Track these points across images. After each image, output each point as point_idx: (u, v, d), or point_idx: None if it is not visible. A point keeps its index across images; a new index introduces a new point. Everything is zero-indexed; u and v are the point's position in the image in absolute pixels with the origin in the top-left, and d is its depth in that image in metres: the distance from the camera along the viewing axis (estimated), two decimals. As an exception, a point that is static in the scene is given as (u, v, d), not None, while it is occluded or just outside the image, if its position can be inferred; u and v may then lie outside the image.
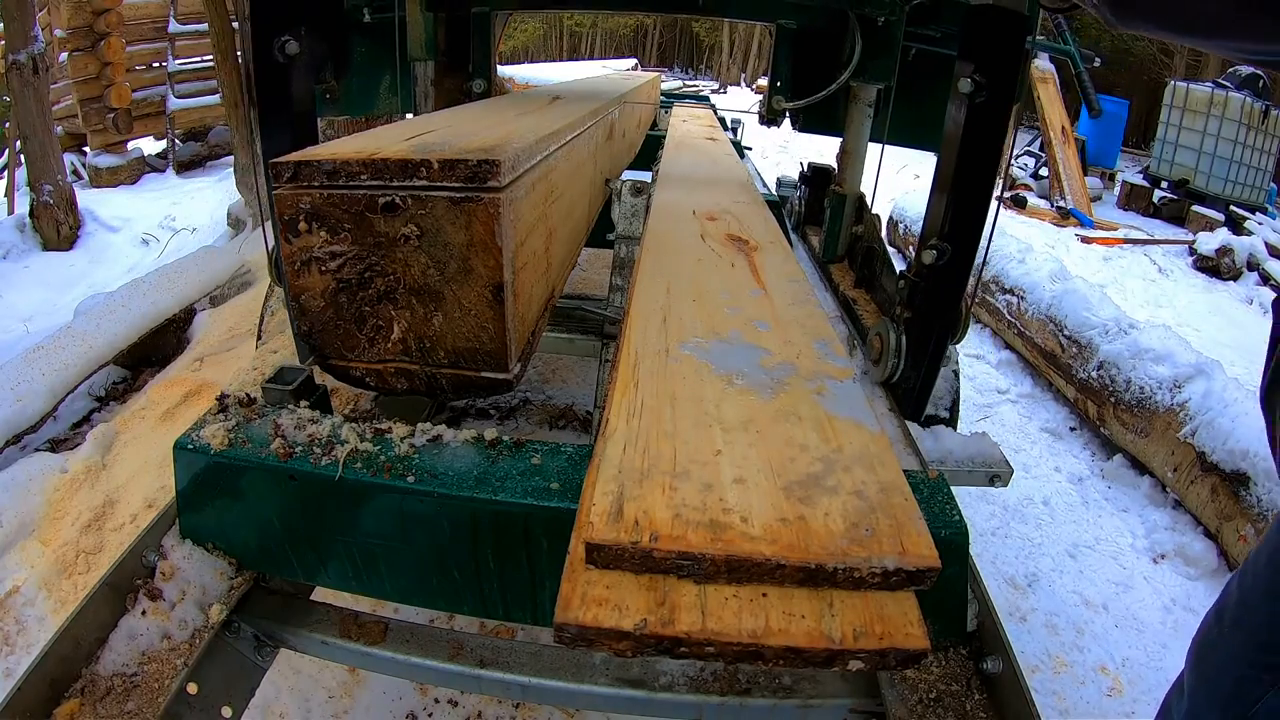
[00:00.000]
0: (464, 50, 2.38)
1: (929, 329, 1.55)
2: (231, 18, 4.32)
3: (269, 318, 2.35)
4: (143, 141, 8.08)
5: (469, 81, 2.42)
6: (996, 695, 0.85)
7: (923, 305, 1.55)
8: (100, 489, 2.27)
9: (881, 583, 0.50)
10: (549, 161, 1.00)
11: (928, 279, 1.51)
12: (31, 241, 5.56)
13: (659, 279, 0.97)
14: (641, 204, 1.47)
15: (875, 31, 1.90)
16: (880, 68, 1.92)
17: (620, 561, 0.50)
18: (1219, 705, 0.96)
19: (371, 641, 1.04)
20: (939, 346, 1.57)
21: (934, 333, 1.56)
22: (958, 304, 1.55)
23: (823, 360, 0.78)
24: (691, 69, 33.06)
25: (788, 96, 2.25)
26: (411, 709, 1.73)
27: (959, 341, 1.66)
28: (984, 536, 2.59)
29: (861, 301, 1.96)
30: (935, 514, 0.86)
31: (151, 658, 0.91)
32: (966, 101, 1.37)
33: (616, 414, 0.64)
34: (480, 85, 2.39)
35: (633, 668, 1.00)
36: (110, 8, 7.09)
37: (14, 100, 5.28)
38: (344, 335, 0.86)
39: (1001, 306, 4.21)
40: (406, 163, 0.77)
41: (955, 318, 1.57)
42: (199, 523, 0.99)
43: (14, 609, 1.85)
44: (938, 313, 1.54)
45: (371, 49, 2.04)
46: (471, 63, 2.39)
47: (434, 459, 0.93)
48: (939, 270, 1.48)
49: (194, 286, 3.44)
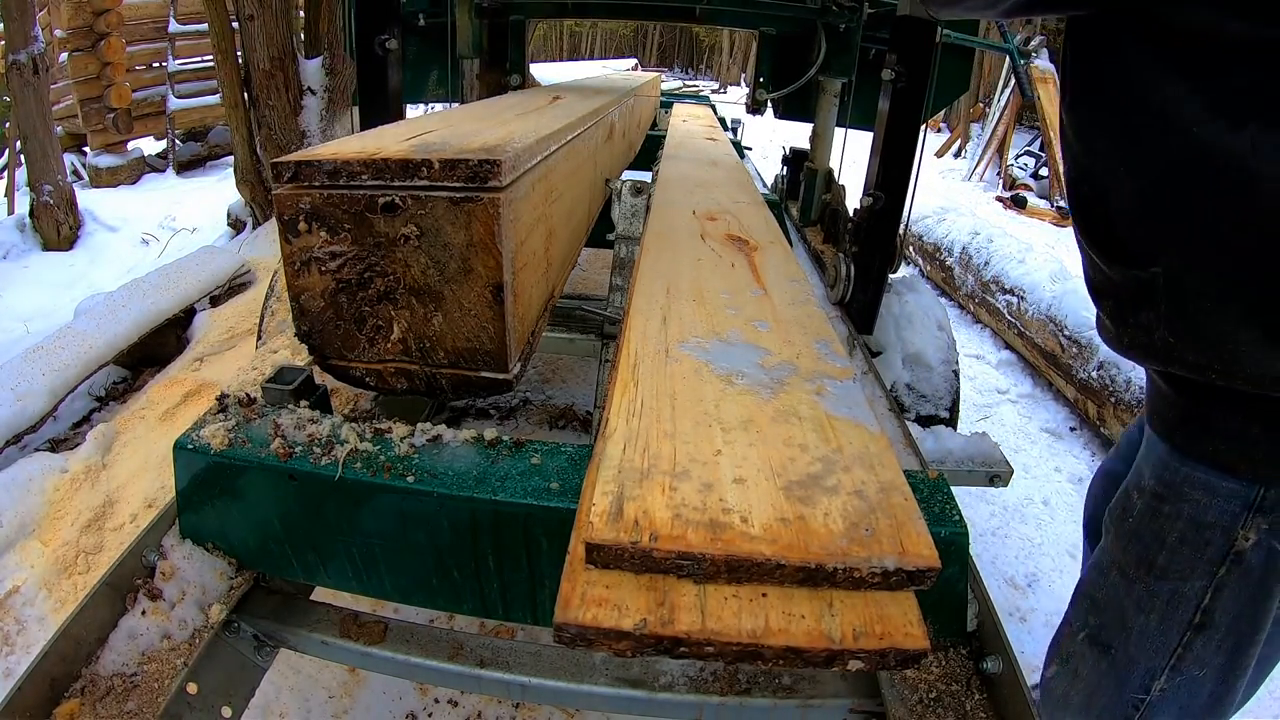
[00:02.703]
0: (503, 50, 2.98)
1: (871, 260, 2.08)
2: (231, 18, 4.32)
3: (269, 318, 2.35)
4: (143, 141, 8.08)
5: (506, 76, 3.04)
6: (996, 695, 0.85)
7: (866, 241, 2.07)
8: (100, 489, 2.27)
9: (881, 583, 0.50)
10: (549, 162, 1.00)
11: (868, 220, 2.04)
12: (31, 241, 5.56)
13: (659, 279, 0.97)
14: (641, 204, 1.47)
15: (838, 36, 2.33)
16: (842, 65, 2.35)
17: (620, 561, 0.50)
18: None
19: (371, 641, 1.04)
20: (880, 274, 2.11)
21: (875, 262, 2.08)
22: (893, 240, 2.06)
23: (823, 360, 0.78)
24: (691, 69, 33.06)
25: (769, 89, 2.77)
26: (411, 709, 1.73)
27: (895, 271, 2.16)
28: (984, 536, 2.59)
29: (829, 253, 2.39)
30: (935, 514, 0.86)
31: (151, 658, 0.91)
32: (891, 86, 1.88)
33: (616, 414, 0.64)
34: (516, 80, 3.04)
35: (633, 668, 1.00)
36: (110, 8, 7.09)
37: (14, 100, 5.28)
38: (344, 335, 0.86)
39: (1001, 306, 4.21)
40: (407, 163, 0.77)
41: (891, 251, 2.09)
42: (199, 523, 0.99)
43: (14, 609, 1.85)
44: (877, 247, 2.06)
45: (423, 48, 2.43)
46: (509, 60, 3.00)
47: (434, 459, 0.93)
48: (876, 213, 2.02)
49: (194, 286, 3.44)
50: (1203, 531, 0.91)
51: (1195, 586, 0.93)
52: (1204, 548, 0.91)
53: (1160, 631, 0.98)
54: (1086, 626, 1.08)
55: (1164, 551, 0.95)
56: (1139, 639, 1.00)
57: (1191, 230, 0.80)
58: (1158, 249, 0.84)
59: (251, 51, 4.23)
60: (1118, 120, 0.85)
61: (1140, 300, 0.88)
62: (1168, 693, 0.99)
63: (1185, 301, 0.83)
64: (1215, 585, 0.92)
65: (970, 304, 4.75)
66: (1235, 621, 0.94)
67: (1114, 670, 1.04)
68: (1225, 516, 0.89)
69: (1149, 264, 0.85)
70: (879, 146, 1.97)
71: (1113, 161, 0.87)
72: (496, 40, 2.87)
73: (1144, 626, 0.99)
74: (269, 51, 4.18)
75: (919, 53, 1.84)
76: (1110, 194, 0.89)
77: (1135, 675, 1.01)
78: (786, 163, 3.24)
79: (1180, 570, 0.94)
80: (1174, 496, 0.93)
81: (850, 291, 2.06)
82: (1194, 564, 0.93)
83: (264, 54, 4.18)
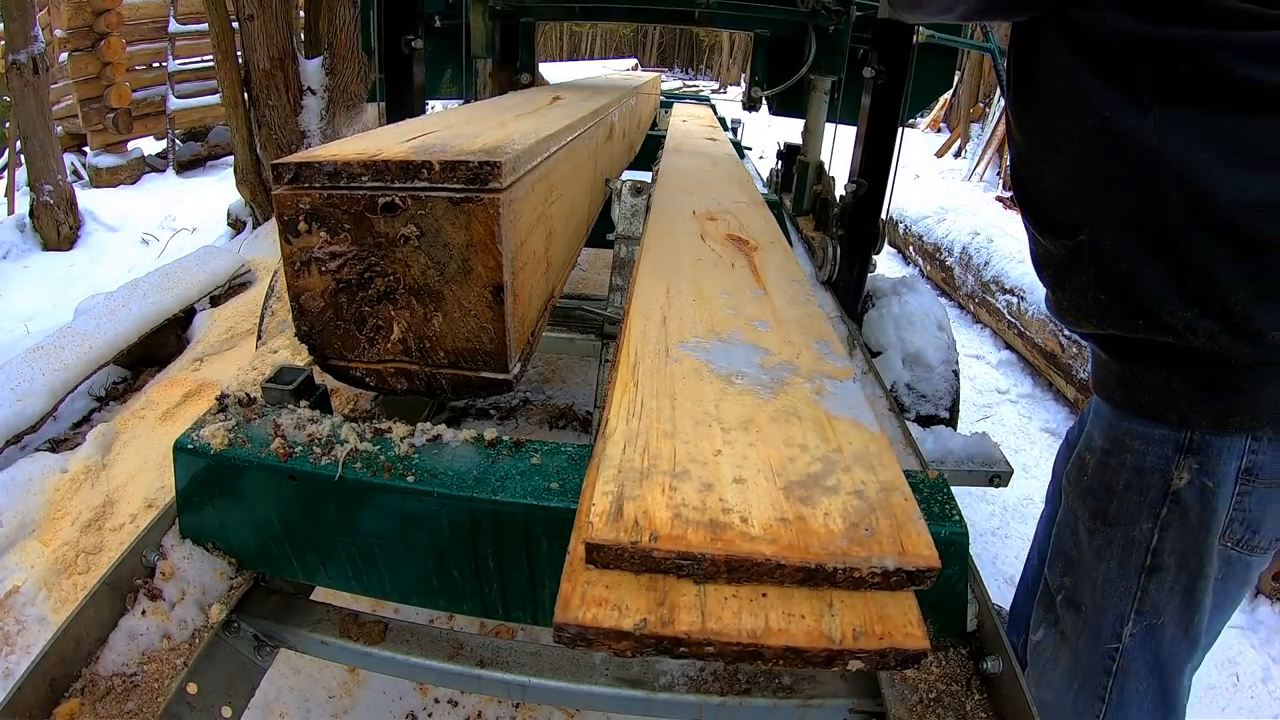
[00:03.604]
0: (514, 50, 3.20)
1: (856, 242, 2.29)
2: (231, 18, 4.32)
3: (269, 318, 2.35)
4: (143, 141, 8.08)
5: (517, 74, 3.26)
6: (996, 695, 0.85)
7: (851, 225, 2.28)
8: (100, 489, 2.27)
9: (881, 583, 0.50)
10: (549, 162, 1.00)
11: (853, 206, 2.25)
12: (31, 241, 5.56)
13: (659, 279, 0.97)
14: (641, 204, 1.47)
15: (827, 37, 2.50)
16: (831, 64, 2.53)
17: (620, 561, 0.50)
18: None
19: (371, 641, 1.04)
20: (864, 255, 2.31)
21: (860, 245, 2.29)
22: (876, 223, 2.26)
23: (823, 360, 0.78)
24: (691, 69, 33.06)
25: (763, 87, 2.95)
26: (411, 709, 1.73)
27: (878, 253, 2.36)
28: (984, 536, 2.59)
29: (818, 239, 2.57)
30: (935, 514, 0.86)
31: (151, 658, 0.91)
32: (872, 83, 2.10)
33: (616, 414, 0.64)
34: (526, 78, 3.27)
35: (633, 668, 1.00)
36: (110, 8, 7.09)
37: (14, 100, 5.28)
38: (344, 335, 0.86)
39: (1001, 306, 4.21)
40: (408, 164, 0.77)
41: (874, 233, 2.28)
42: (199, 522, 0.99)
43: (14, 609, 1.85)
44: (861, 230, 2.27)
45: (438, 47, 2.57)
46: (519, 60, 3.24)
47: (434, 459, 0.93)
48: (860, 199, 2.23)
49: (194, 286, 3.44)
50: (1144, 476, 1.01)
51: (1143, 529, 1.02)
52: (1146, 491, 1.01)
53: (1121, 576, 1.06)
54: (1063, 588, 1.16)
55: (1114, 500, 1.05)
56: (1104, 587, 1.08)
57: (1109, 200, 0.92)
58: (1083, 219, 0.96)
59: (251, 51, 4.23)
60: (1048, 111, 0.98)
61: (1073, 266, 1.00)
62: (1137, 638, 1.07)
63: (1108, 263, 0.94)
64: (1160, 525, 1.01)
65: (970, 304, 4.75)
66: (1182, 559, 1.01)
67: (1088, 626, 1.11)
68: (1161, 460, 0.99)
69: (1076, 233, 0.97)
70: (862, 138, 2.21)
71: (1045, 147, 1.01)
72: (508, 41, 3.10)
73: (1107, 574, 1.07)
74: (269, 51, 4.18)
75: (897, 53, 2.06)
76: (1044, 175, 1.02)
77: (1107, 625, 1.09)
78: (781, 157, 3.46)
79: (1130, 515, 1.03)
80: (1118, 449, 1.04)
81: (837, 271, 2.30)
82: (1140, 508, 1.02)
83: (264, 54, 4.18)
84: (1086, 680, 1.12)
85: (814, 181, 2.84)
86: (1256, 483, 0.95)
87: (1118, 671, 1.09)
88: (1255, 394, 0.90)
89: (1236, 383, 0.91)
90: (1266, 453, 0.93)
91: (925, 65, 2.49)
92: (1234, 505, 0.96)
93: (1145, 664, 1.08)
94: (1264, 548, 1.00)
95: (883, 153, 2.16)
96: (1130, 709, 1.09)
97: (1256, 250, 0.84)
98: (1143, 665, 1.08)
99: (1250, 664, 2.15)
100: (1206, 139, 0.83)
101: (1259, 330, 0.85)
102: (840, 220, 2.32)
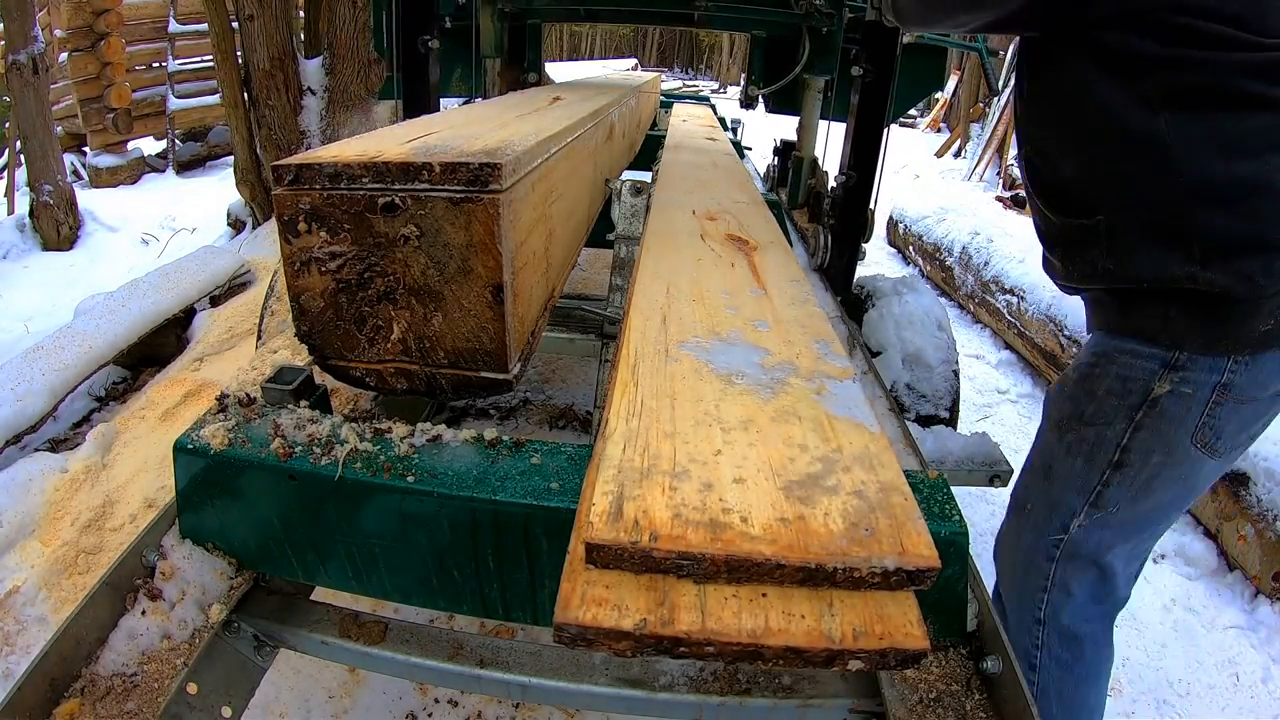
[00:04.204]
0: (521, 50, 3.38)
1: (846, 230, 2.44)
2: (231, 18, 4.32)
3: (269, 318, 2.35)
4: (143, 141, 8.08)
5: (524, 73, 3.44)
6: (996, 695, 0.85)
7: (841, 214, 2.44)
8: (100, 489, 2.27)
9: (881, 583, 0.50)
10: (549, 162, 1.00)
11: (843, 196, 2.42)
12: (31, 241, 5.56)
13: (659, 279, 0.97)
14: (641, 204, 1.47)
15: (820, 38, 2.62)
16: (824, 64, 2.65)
17: (620, 561, 0.50)
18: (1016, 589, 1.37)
19: (371, 641, 1.04)
20: (854, 241, 2.46)
21: (850, 232, 2.44)
22: (864, 212, 2.41)
23: (823, 360, 0.78)
24: (691, 69, 33.06)
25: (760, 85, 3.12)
26: (411, 709, 1.73)
27: (867, 240, 2.49)
28: (984, 536, 2.58)
29: (811, 230, 2.67)
30: (935, 514, 0.86)
31: (151, 658, 0.91)
32: (860, 81, 2.29)
33: (616, 414, 0.64)
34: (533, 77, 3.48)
35: (633, 668, 1.00)
36: (110, 8, 7.09)
37: (14, 100, 5.28)
38: (344, 335, 0.86)
39: (1001, 306, 4.21)
40: (408, 165, 0.77)
41: (863, 222, 2.43)
42: (199, 522, 0.99)
43: (14, 609, 1.85)
44: (851, 218, 2.43)
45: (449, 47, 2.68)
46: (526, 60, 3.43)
47: (434, 459, 0.93)
48: (850, 189, 2.40)
49: (194, 286, 3.44)
50: (1127, 384, 1.17)
51: (1117, 429, 1.18)
52: (1126, 396, 1.17)
53: (1084, 472, 1.22)
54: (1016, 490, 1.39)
55: (1093, 403, 1.21)
56: (1063, 482, 1.25)
57: (1123, 187, 1.11)
58: (1100, 203, 1.14)
59: (251, 51, 4.23)
60: (1067, 111, 1.16)
61: (1088, 242, 1.17)
62: (1085, 528, 1.24)
63: (1120, 239, 1.13)
64: (1134, 426, 1.17)
65: (970, 304, 4.75)
66: (1148, 458, 1.18)
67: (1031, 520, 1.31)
68: (1145, 373, 1.15)
69: (1094, 214, 1.15)
70: (851, 132, 2.39)
71: (1064, 141, 1.18)
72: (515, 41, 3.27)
73: (1070, 469, 1.24)
74: (269, 51, 4.18)
75: (884, 52, 2.23)
76: (1060, 164, 1.20)
77: (1056, 517, 1.27)
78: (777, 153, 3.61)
79: (1106, 416, 1.19)
80: (1105, 361, 1.20)
81: (829, 258, 2.45)
82: (1117, 410, 1.18)
83: (264, 54, 4.18)
84: (1030, 572, 1.31)
85: (808, 176, 2.98)
86: (1229, 397, 1.12)
87: (1060, 558, 1.27)
88: (1241, 324, 1.08)
89: (1227, 314, 1.08)
90: (1242, 373, 1.11)
91: (914, 64, 2.67)
92: (1206, 413, 1.13)
93: (1089, 551, 1.25)
94: (1221, 452, 1.17)
95: (871, 146, 2.34)
96: (1073, 591, 1.28)
97: (1249, 217, 1.04)
98: (1086, 552, 1.26)
99: (1250, 664, 2.15)
100: (1207, 135, 1.03)
101: (1250, 275, 1.05)
102: (831, 210, 2.50)
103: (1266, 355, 1.10)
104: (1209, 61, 1.01)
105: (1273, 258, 1.04)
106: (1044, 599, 1.30)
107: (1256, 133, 1.02)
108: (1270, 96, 1.01)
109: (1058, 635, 1.31)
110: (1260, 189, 1.03)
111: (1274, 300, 1.06)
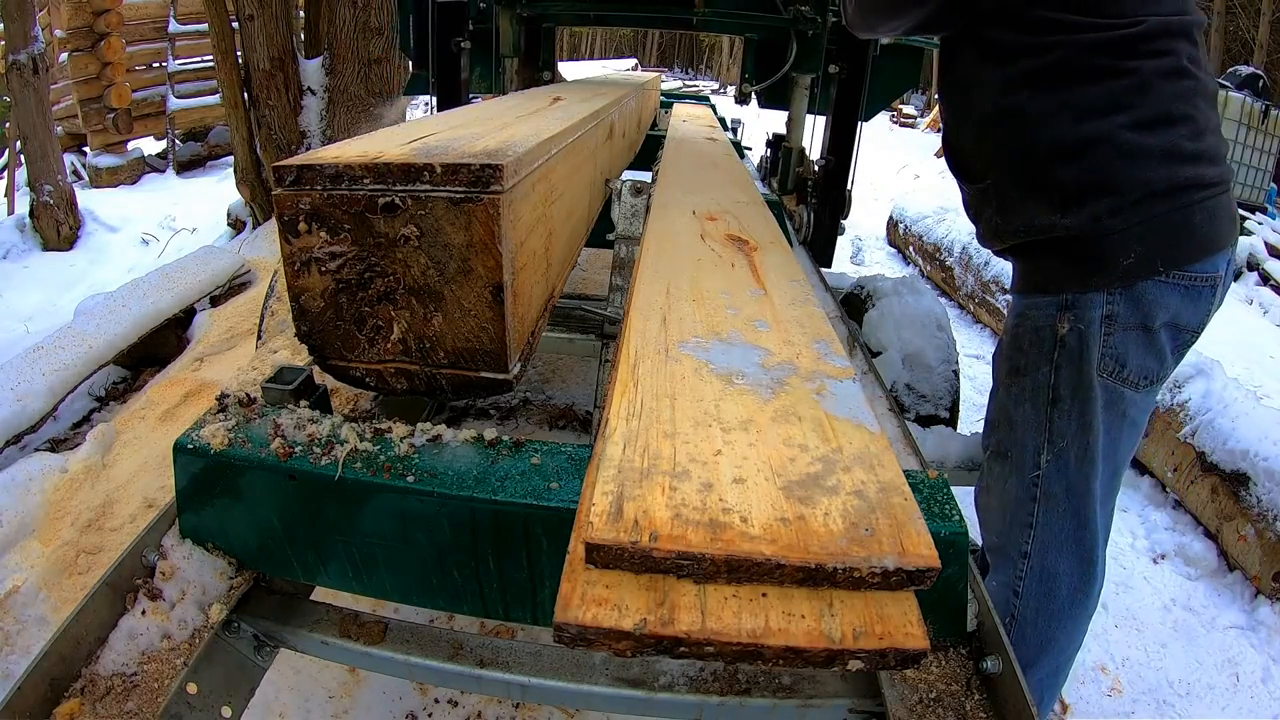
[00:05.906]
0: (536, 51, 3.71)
1: (826, 208, 2.98)
2: (231, 18, 4.32)
3: (269, 318, 2.35)
4: (143, 141, 8.08)
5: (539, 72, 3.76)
6: (996, 695, 0.85)
7: (822, 194, 3.00)
8: (100, 489, 2.27)
9: (881, 583, 0.50)
10: (550, 163, 1.00)
11: (824, 177, 2.99)
12: (31, 241, 5.56)
13: (659, 279, 0.97)
14: (641, 204, 1.47)
15: (806, 40, 2.90)
16: (810, 63, 2.94)
17: (620, 561, 0.50)
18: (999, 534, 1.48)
19: (371, 641, 1.04)
20: (834, 219, 3.00)
21: (830, 208, 2.98)
22: (843, 192, 2.98)
23: (823, 360, 0.78)
24: (691, 69, 33.07)
25: (752, 83, 3.41)
26: (411, 709, 1.73)
27: (845, 217, 3.04)
28: (984, 537, 2.58)
29: (799, 210, 3.06)
30: (935, 514, 0.86)
31: (151, 657, 0.91)
32: (836, 78, 2.83)
33: (616, 414, 0.64)
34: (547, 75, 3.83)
35: (633, 668, 1.00)
36: (110, 8, 7.09)
37: (14, 100, 5.28)
38: (344, 336, 0.86)
39: (1001, 306, 4.21)
40: (409, 167, 0.77)
41: (841, 200, 2.99)
42: (199, 522, 0.99)
43: (14, 609, 1.85)
44: (831, 198, 2.98)
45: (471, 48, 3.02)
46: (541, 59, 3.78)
47: (434, 459, 0.93)
48: (829, 172, 2.96)
49: (194, 286, 3.44)
50: (1039, 332, 1.34)
51: (1044, 373, 1.34)
52: (1043, 343, 1.34)
53: (1034, 414, 1.37)
54: (989, 445, 1.49)
55: (1022, 356, 1.38)
56: (1022, 427, 1.39)
57: (1001, 152, 1.35)
58: (988, 168, 1.39)
59: (251, 51, 4.23)
60: (962, 95, 1.42)
61: (984, 202, 1.41)
62: (1051, 464, 1.36)
63: (1004, 197, 1.36)
64: (1054, 366, 1.33)
65: (970, 304, 4.76)
66: (1074, 391, 1.32)
67: (1013, 464, 1.42)
68: (1048, 318, 1.33)
69: (985, 179, 1.39)
70: (830, 122, 2.93)
71: (962, 120, 1.44)
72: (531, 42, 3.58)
73: (1023, 416, 1.39)
74: (269, 51, 4.18)
75: (857, 53, 2.75)
76: (963, 140, 1.46)
77: (1028, 458, 1.39)
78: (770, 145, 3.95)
79: (1033, 363, 1.36)
80: (1023, 321, 1.38)
81: (811, 232, 2.94)
82: (1039, 356, 1.35)
83: (264, 54, 4.19)
84: (1017, 512, 1.41)
85: (796, 164, 3.33)
86: (1116, 326, 1.28)
87: (1039, 496, 1.38)
88: (1103, 261, 1.26)
89: (1090, 254, 1.27)
90: (1119, 304, 1.27)
91: (892, 63, 2.99)
92: (1103, 344, 1.29)
93: (1060, 486, 1.37)
94: (1134, 382, 1.32)
95: (847, 134, 2.88)
96: (1053, 529, 1.39)
97: (1093, 168, 1.23)
98: (1059, 488, 1.37)
99: (1250, 664, 2.15)
100: (1060, 105, 1.25)
101: (1098, 216, 1.24)
102: (814, 189, 3.00)
103: (1140, 285, 1.25)
104: (1062, 44, 1.24)
105: (1115, 200, 1.22)
106: (1029, 535, 1.41)
107: (1102, 97, 1.23)
108: (1115, 67, 1.22)
109: (1038, 573, 1.41)
110: (1102, 142, 1.22)
111: (1124, 235, 1.23)
